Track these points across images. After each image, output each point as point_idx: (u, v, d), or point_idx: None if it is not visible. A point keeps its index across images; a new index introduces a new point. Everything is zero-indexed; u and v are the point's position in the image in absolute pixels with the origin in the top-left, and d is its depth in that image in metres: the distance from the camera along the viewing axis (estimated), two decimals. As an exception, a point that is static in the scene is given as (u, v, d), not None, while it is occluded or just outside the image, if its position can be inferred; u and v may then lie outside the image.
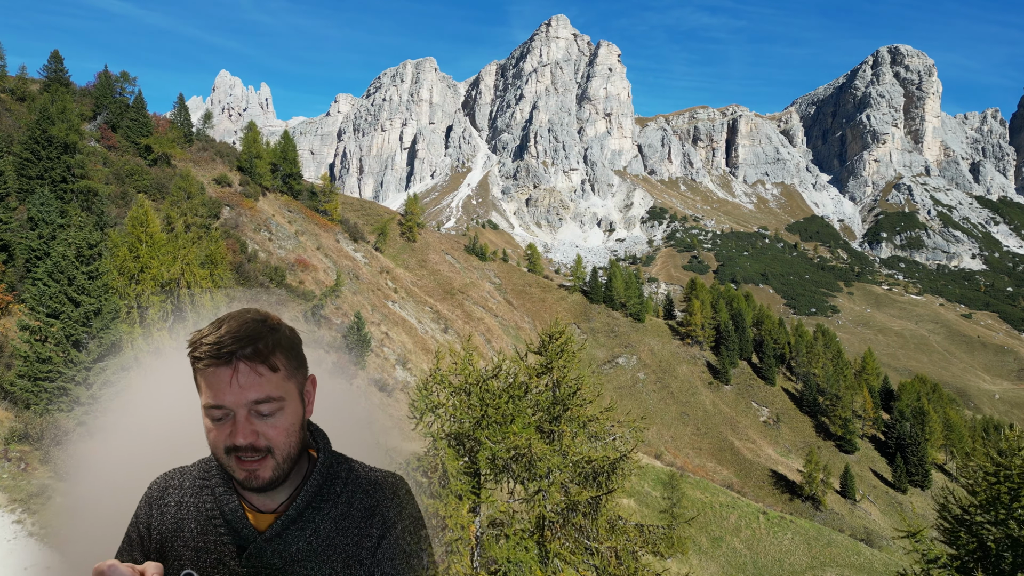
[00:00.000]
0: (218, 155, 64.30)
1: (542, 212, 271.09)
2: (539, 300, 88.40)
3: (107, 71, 55.76)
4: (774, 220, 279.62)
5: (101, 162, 46.22)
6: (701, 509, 50.06)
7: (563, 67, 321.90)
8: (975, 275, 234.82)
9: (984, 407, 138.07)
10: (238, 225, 53.72)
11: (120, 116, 53.07)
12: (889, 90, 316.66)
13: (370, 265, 71.10)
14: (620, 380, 76.28)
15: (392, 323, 61.22)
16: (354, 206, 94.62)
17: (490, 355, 69.96)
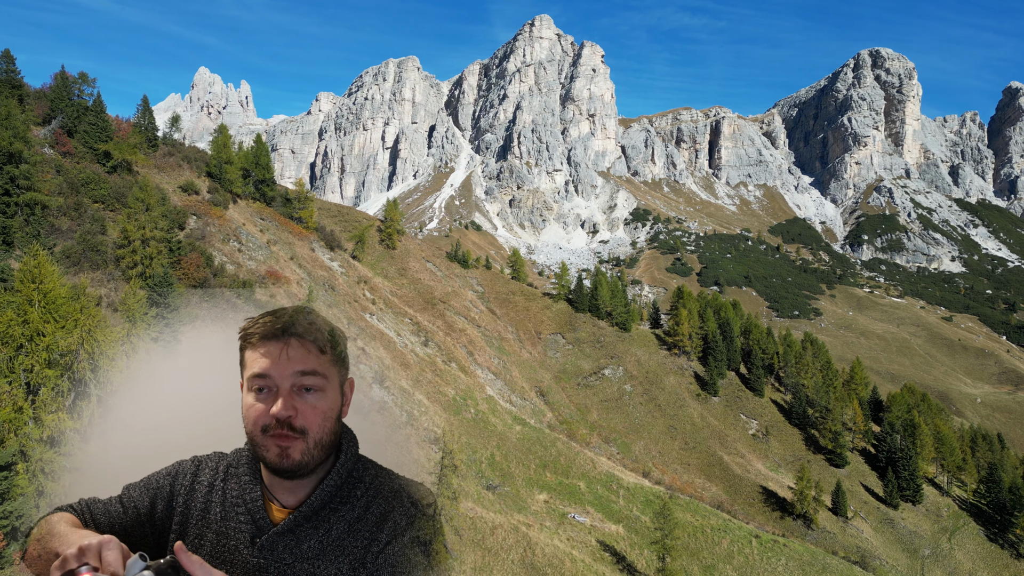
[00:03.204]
0: (185, 160, 61.06)
1: (526, 213, 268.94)
2: (523, 309, 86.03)
3: (64, 71, 52.37)
4: (757, 222, 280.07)
5: (53, 171, 43.02)
6: (692, 534, 48.09)
7: (547, 67, 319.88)
8: (955, 278, 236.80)
9: (966, 411, 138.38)
10: (205, 236, 50.67)
11: (77, 120, 49.70)
12: (870, 93, 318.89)
13: (347, 275, 68.25)
14: (607, 392, 74.20)
15: (369, 337, 58.48)
16: (331, 212, 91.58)
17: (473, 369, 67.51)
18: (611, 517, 47.73)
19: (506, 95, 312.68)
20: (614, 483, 53.55)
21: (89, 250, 38.04)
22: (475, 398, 60.33)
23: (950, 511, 67.32)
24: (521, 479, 50.21)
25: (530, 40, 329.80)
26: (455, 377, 62.16)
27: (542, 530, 41.20)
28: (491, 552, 33.82)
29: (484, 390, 64.09)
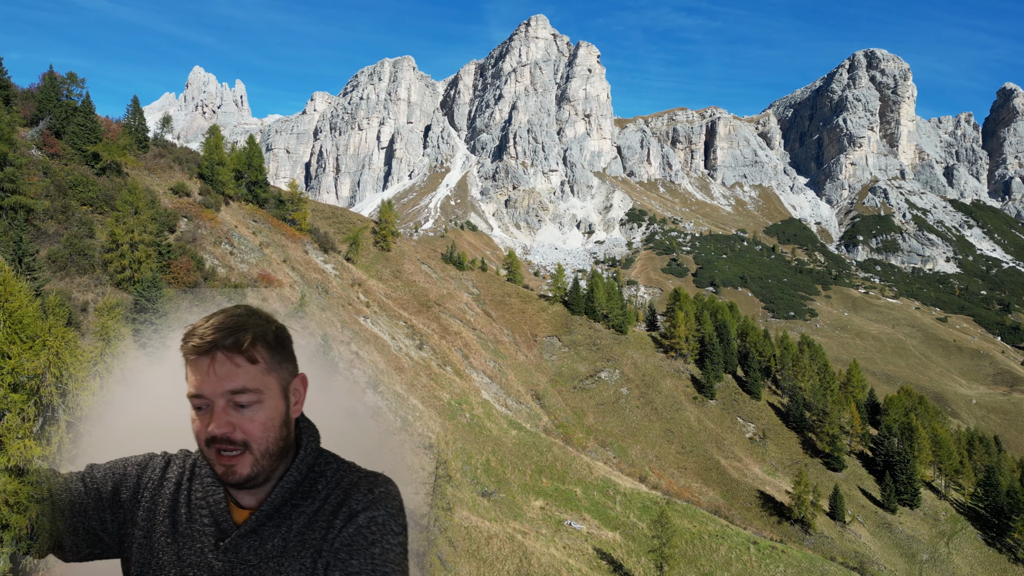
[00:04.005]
0: (177, 161, 60.22)
1: (521, 213, 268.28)
2: (519, 311, 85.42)
3: (52, 71, 51.47)
4: (752, 223, 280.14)
5: (40, 173, 42.20)
6: (689, 540, 47.58)
7: (542, 67, 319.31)
8: (949, 278, 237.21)
9: (962, 412, 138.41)
10: (196, 239, 49.88)
11: (66, 121, 48.83)
12: (865, 94, 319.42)
13: (341, 278, 67.54)
14: (603, 396, 73.67)
15: (363, 341, 57.79)
16: (325, 213, 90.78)
17: (468, 372, 66.87)
18: (608, 524, 47.20)
19: (502, 95, 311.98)
20: (611, 488, 53.03)
21: (76, 254, 37.27)
22: (470, 402, 59.72)
23: (948, 515, 67.03)
24: (517, 485, 49.63)
25: (526, 40, 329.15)
26: (450, 381, 61.54)
27: (538, 538, 40.63)
28: (486, 563, 33.23)
29: (479, 394, 63.48)
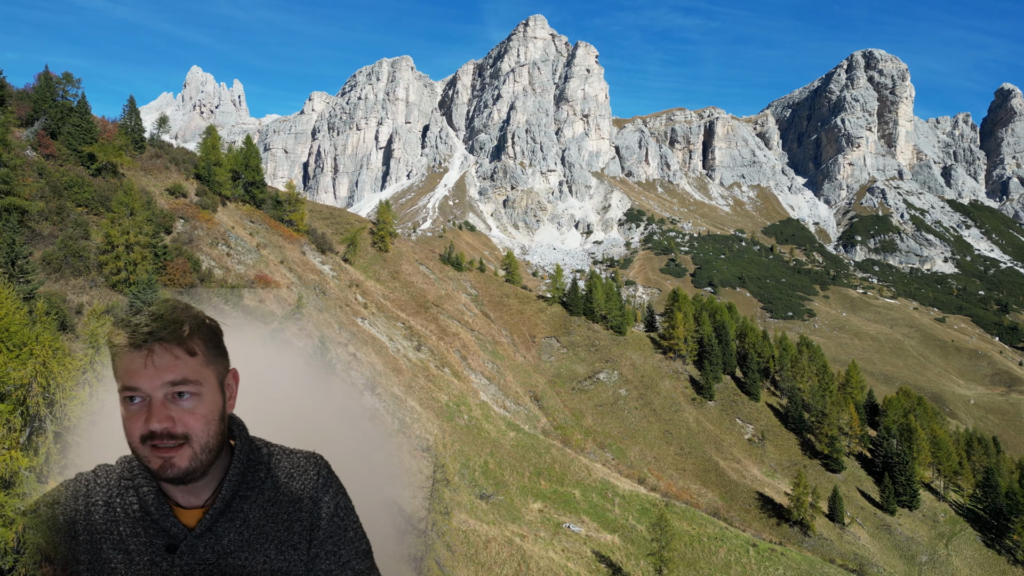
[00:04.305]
0: (173, 162, 59.89)
1: (519, 214, 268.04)
2: (517, 312, 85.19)
3: (47, 71, 51.17)
4: (750, 223, 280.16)
5: (35, 174, 41.90)
6: (689, 543, 47.40)
7: (541, 67, 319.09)
8: (947, 278, 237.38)
9: (960, 412, 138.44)
10: (192, 240, 49.58)
11: (61, 121, 48.50)
12: (863, 94, 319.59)
13: (338, 279, 67.26)
14: (601, 397, 73.46)
15: (361, 342, 57.51)
16: (323, 214, 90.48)
17: (466, 374, 66.63)
18: (606, 526, 46.99)
19: (500, 95, 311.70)
20: (609, 491, 52.81)
21: (71, 256, 36.99)
22: (468, 404, 59.48)
23: (947, 516, 66.93)
24: (515, 487, 49.40)
25: (524, 40, 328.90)
26: (448, 382, 61.29)
27: (536, 541, 40.41)
28: (484, 567, 33.00)
29: (478, 395, 63.25)
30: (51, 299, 31.07)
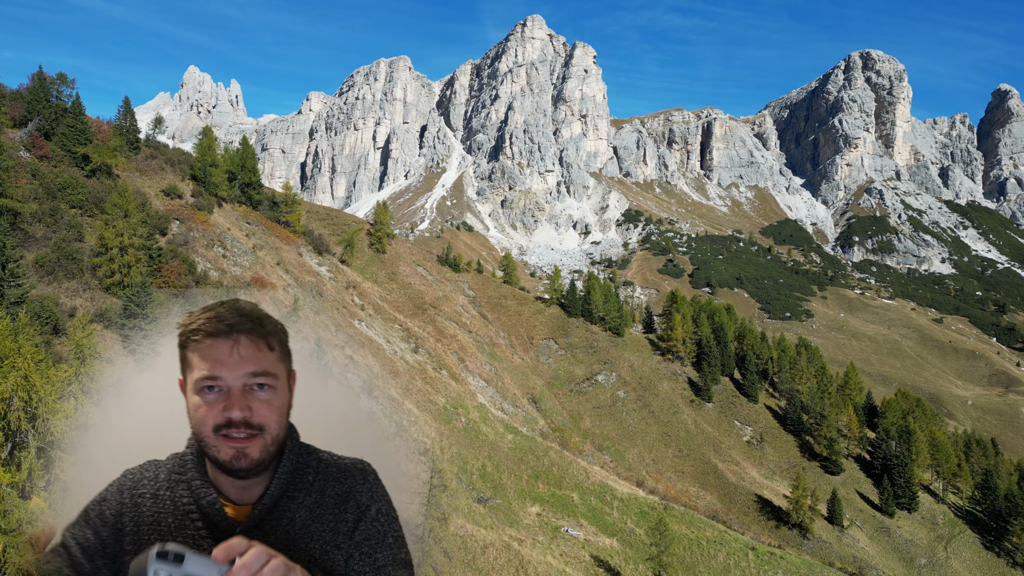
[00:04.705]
0: (169, 163, 59.49)
1: (517, 214, 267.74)
2: (515, 314, 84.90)
3: (41, 71, 50.71)
4: (748, 223, 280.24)
5: (29, 175, 41.50)
6: (687, 547, 47.12)
7: (539, 68, 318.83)
8: (945, 279, 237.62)
9: (957, 413, 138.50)
10: (188, 241, 49.20)
11: (55, 122, 48.10)
12: (861, 95, 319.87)
13: (335, 280, 66.90)
14: (600, 399, 73.20)
15: (358, 344, 57.17)
16: (320, 215, 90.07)
17: (464, 376, 66.30)
18: (605, 530, 46.70)
19: (498, 95, 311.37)
20: (608, 494, 52.53)
21: (64, 258, 36.60)
22: (466, 406, 59.16)
23: (946, 519, 66.78)
24: (513, 491, 49.09)
25: (522, 40, 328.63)
26: (446, 385, 60.97)
27: (534, 546, 40.10)
28: (482, 573, 32.70)
29: (475, 398, 62.93)
30: (43, 302, 30.72)
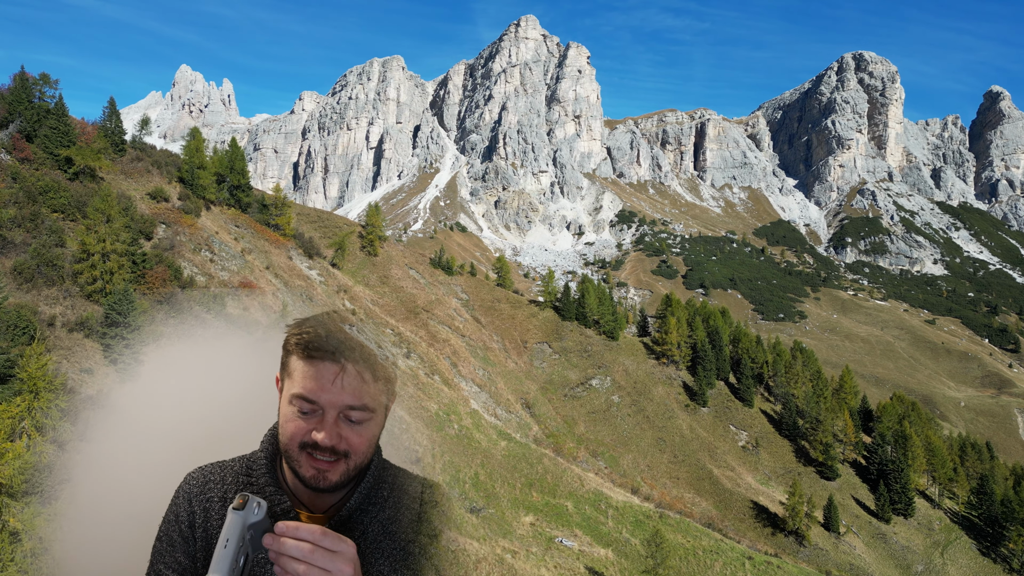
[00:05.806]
0: (155, 165, 58.32)
1: (511, 214, 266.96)
2: (509, 317, 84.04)
3: (24, 72, 49.55)
4: (741, 224, 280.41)
5: (9, 178, 40.38)
6: (684, 557, 46.37)
7: (532, 68, 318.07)
8: (937, 280, 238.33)
9: (950, 415, 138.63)
10: (174, 246, 48.10)
11: (37, 123, 46.93)
12: (854, 96, 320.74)
13: (326, 284, 65.88)
14: (594, 404, 72.44)
15: (349, 350, 56.13)
16: (310, 217, 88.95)
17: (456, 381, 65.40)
18: (600, 540, 45.90)
19: (491, 95, 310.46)
20: (603, 502, 51.75)
21: (44, 265, 35.51)
22: (459, 412, 58.25)
23: (942, 524, 66.37)
24: (506, 500, 48.24)
25: (516, 40, 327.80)
26: (438, 391, 60.04)
27: (528, 558, 39.26)
28: (474, 589, 31.83)
29: (468, 403, 62.04)
30: (20, 311, 29.68)
